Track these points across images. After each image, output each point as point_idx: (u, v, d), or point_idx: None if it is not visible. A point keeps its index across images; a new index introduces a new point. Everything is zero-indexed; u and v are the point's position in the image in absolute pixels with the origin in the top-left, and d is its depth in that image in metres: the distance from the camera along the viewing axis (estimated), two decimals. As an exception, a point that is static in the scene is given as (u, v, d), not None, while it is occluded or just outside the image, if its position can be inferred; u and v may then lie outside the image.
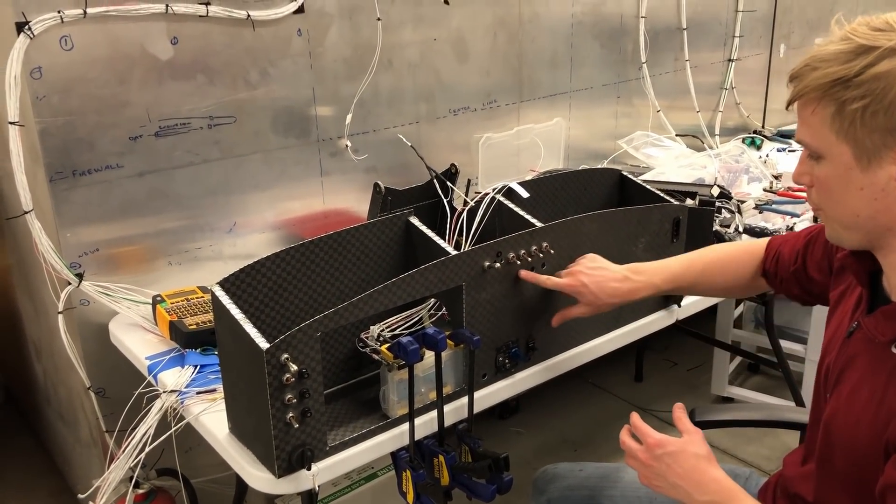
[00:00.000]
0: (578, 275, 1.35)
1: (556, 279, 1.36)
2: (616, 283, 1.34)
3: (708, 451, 1.12)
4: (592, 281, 1.33)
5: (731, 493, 1.07)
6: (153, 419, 1.39)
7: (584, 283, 1.33)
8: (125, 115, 1.62)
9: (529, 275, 1.36)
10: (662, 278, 1.36)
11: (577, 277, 1.35)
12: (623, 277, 1.34)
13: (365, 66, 1.90)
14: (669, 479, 1.10)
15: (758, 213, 2.08)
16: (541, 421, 2.62)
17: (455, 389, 1.36)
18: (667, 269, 1.37)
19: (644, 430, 1.16)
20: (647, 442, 1.14)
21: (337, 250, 1.34)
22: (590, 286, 1.33)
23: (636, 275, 1.35)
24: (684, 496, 1.10)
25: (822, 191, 1.00)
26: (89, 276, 1.65)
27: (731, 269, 1.38)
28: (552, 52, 2.32)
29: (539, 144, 2.28)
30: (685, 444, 1.12)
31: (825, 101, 0.94)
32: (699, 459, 1.10)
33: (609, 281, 1.34)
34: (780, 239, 1.35)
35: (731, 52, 2.90)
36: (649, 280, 1.35)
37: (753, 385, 2.81)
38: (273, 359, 1.10)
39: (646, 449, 1.13)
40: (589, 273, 1.35)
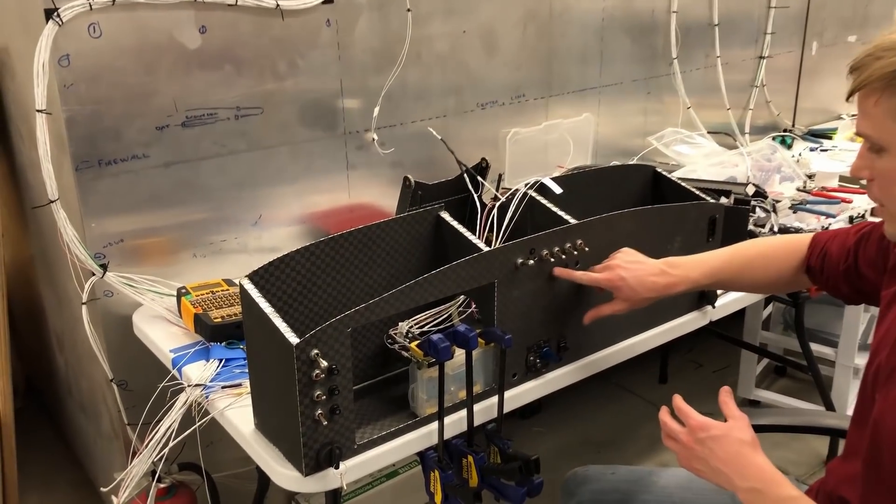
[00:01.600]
0: (616, 269, 1.31)
1: (593, 274, 1.33)
2: (654, 278, 1.30)
3: (753, 437, 1.09)
4: (630, 275, 1.30)
5: (774, 480, 1.04)
6: (177, 413, 1.37)
7: (621, 277, 1.30)
8: (152, 104, 1.60)
9: (564, 271, 1.33)
10: (701, 272, 1.32)
11: (615, 272, 1.31)
12: (660, 271, 1.31)
13: (393, 59, 1.87)
14: (711, 463, 1.07)
15: (791, 213, 2.04)
16: (563, 421, 2.58)
17: (484, 389, 1.33)
18: (705, 264, 1.34)
19: (687, 411, 1.13)
20: (691, 424, 1.11)
21: (366, 245, 1.32)
22: (628, 280, 1.29)
23: (673, 269, 1.32)
24: (725, 482, 1.07)
25: (884, 185, 0.97)
26: (113, 267, 1.63)
27: (772, 264, 1.34)
28: (582, 46, 2.28)
29: (567, 140, 2.25)
30: (730, 429, 1.09)
31: (889, 91, 0.90)
32: (743, 445, 1.07)
33: (647, 275, 1.30)
34: (826, 235, 1.31)
35: (763, 49, 2.84)
36: (686, 274, 1.32)
37: (781, 388, 2.76)
38: (303, 354, 1.07)
39: (688, 431, 1.11)
40: (627, 267, 1.31)
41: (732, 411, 1.13)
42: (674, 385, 2.81)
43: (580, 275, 1.33)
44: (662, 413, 1.19)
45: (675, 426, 1.14)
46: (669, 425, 1.14)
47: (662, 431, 1.17)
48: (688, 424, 1.11)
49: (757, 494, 1.04)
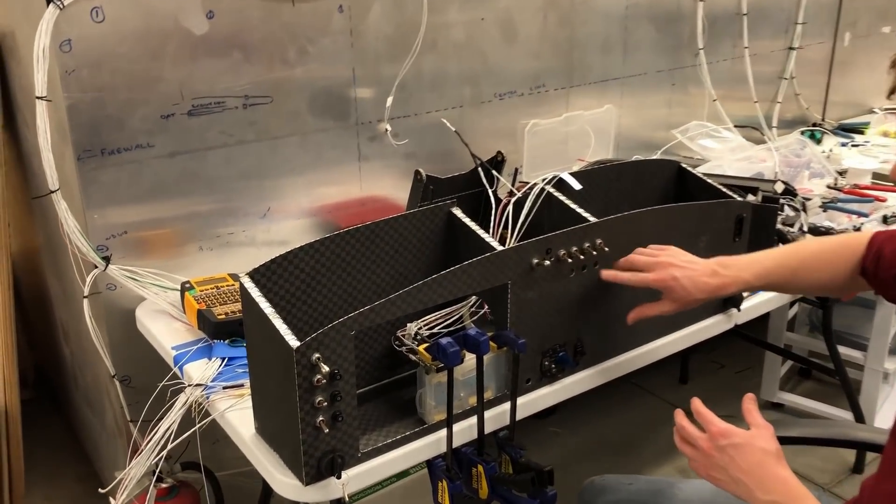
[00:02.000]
0: (669, 268, 1.24)
1: (643, 275, 1.26)
2: (706, 278, 1.24)
3: (777, 448, 1.03)
4: (685, 275, 1.23)
5: (798, 495, 0.98)
6: (176, 414, 1.32)
7: (674, 277, 1.23)
8: (157, 92, 1.54)
9: (612, 274, 1.28)
10: (753, 273, 1.26)
11: (668, 271, 1.24)
12: (712, 272, 1.24)
13: (408, 47, 1.80)
14: (731, 472, 1.02)
15: (822, 212, 1.95)
16: (580, 422, 2.52)
17: (496, 395, 1.26)
18: (758, 264, 1.26)
19: (708, 416, 1.07)
20: (711, 430, 1.05)
21: (374, 241, 1.25)
22: (682, 280, 1.23)
23: (725, 269, 1.25)
24: (745, 493, 1.01)
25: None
26: (116, 259, 1.58)
27: (828, 265, 1.27)
28: (605, 35, 2.20)
29: (588, 132, 2.17)
30: (753, 438, 1.03)
31: None
32: (767, 455, 1.01)
33: (699, 275, 1.23)
34: (883, 235, 1.23)
35: (793, 39, 2.74)
36: (738, 275, 1.25)
37: (805, 391, 2.67)
38: (303, 358, 1.02)
39: (708, 437, 1.05)
40: (679, 265, 1.24)
41: (756, 419, 1.07)
42: (695, 386, 2.73)
43: (629, 276, 1.27)
44: (678, 416, 1.13)
45: (694, 431, 1.08)
46: (688, 429, 1.09)
47: (677, 435, 1.11)
48: (708, 430, 1.06)
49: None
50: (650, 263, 1.26)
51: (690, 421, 1.11)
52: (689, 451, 1.08)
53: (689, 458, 1.08)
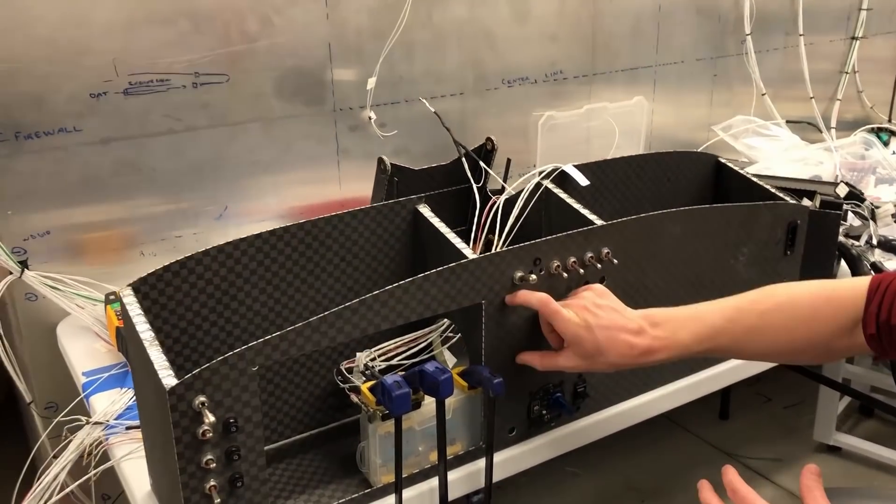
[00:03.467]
0: (583, 311, 0.91)
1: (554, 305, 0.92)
2: (630, 337, 0.90)
3: None
4: (601, 325, 0.89)
5: None
6: (69, 458, 1.05)
7: (588, 326, 0.90)
8: (85, 65, 1.29)
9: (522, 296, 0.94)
10: (693, 333, 0.91)
11: (581, 314, 0.91)
12: (638, 328, 0.90)
13: (396, 19, 1.53)
14: None
15: (893, 222, 1.62)
16: (602, 461, 2.20)
17: (468, 449, 0.97)
18: (700, 321, 0.92)
19: (749, 499, 0.78)
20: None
21: (312, 246, 0.97)
22: (596, 332, 0.89)
23: (654, 328, 0.91)
24: None
25: None
26: (38, 265, 1.33)
27: (801, 325, 0.91)
28: (635, 15, 1.90)
29: (614, 128, 1.87)
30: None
31: None
32: None
33: (622, 332, 0.90)
34: (884, 279, 0.89)
35: (856, 28, 2.40)
36: (673, 336, 0.91)
37: (867, 433, 2.31)
38: (182, 403, 0.74)
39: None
40: (597, 313, 0.90)
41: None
42: (737, 422, 2.39)
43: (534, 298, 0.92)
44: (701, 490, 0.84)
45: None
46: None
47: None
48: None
49: None
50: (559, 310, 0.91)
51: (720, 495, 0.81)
52: None
53: None
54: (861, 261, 1.40)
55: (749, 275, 1.16)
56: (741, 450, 2.24)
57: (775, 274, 1.20)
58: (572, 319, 0.90)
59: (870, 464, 2.19)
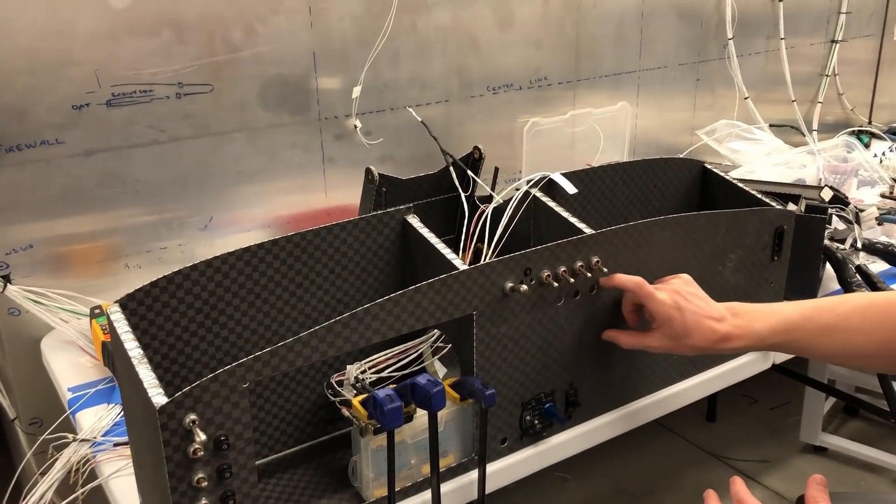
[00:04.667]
0: (674, 295, 0.97)
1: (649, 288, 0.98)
2: (713, 323, 0.95)
3: None
4: (690, 308, 0.96)
5: None
6: (55, 476, 1.04)
7: (679, 308, 0.96)
8: (67, 77, 1.27)
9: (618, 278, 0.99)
10: (770, 326, 0.96)
11: (672, 297, 0.97)
12: (721, 316, 0.96)
13: (380, 28, 1.52)
14: None
15: (877, 226, 1.63)
16: (591, 466, 2.20)
17: (461, 461, 0.97)
18: (778, 315, 0.97)
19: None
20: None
21: (301, 259, 0.97)
22: (685, 314, 0.96)
23: (734, 317, 0.96)
24: None
25: None
26: (21, 279, 1.31)
27: (875, 326, 0.94)
28: (618, 22, 1.90)
29: (599, 134, 1.87)
30: None
31: None
32: None
33: (707, 317, 0.96)
34: None
35: (836, 31, 2.42)
36: (750, 325, 0.96)
37: (852, 433, 2.33)
38: (172, 421, 0.73)
39: None
40: (687, 297, 0.97)
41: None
42: (724, 424, 2.40)
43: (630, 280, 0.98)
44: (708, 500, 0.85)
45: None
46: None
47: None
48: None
49: None
50: (657, 288, 0.99)
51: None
52: None
53: None
54: (846, 264, 1.41)
55: (737, 280, 1.16)
56: (728, 451, 2.25)
57: (763, 279, 1.20)
58: (666, 301, 0.96)
59: (855, 464, 2.21)
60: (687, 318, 0.95)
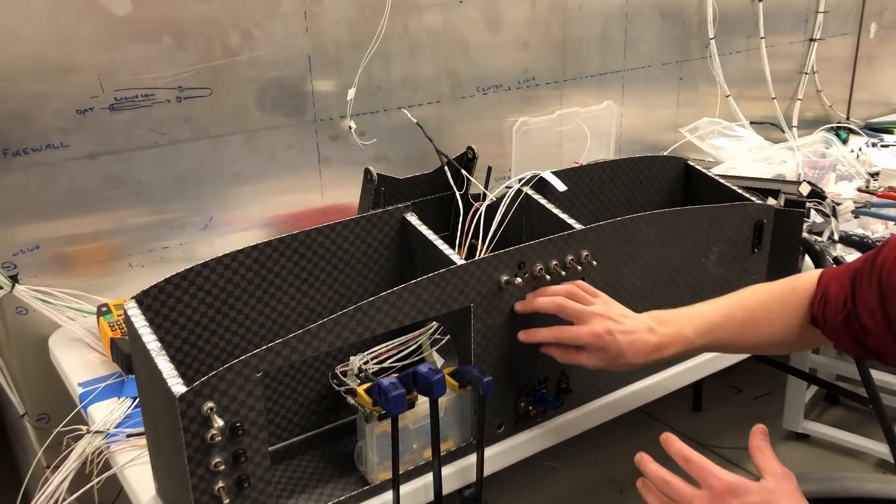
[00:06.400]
0: (602, 319, 0.96)
1: (573, 330, 0.97)
2: (645, 335, 0.96)
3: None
4: (622, 330, 0.95)
5: None
6: (71, 467, 1.08)
7: (610, 332, 0.95)
8: (71, 82, 1.31)
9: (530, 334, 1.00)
10: (695, 330, 0.98)
11: (603, 323, 0.96)
12: (648, 328, 0.97)
13: (374, 32, 1.57)
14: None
15: (853, 218, 1.70)
16: (581, 455, 2.26)
17: (460, 445, 1.02)
18: (700, 318, 0.99)
19: (705, 468, 0.79)
20: (714, 486, 0.77)
21: (306, 255, 1.01)
22: (618, 337, 0.95)
23: (662, 326, 0.97)
24: None
25: None
26: (27, 279, 1.35)
27: (778, 316, 1.00)
28: (603, 23, 1.96)
29: (585, 132, 1.93)
30: (773, 494, 0.77)
31: None
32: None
33: (637, 334, 0.96)
34: (829, 273, 0.98)
35: (814, 30, 2.49)
36: (678, 332, 0.97)
37: (833, 420, 2.41)
38: (191, 409, 0.78)
39: (708, 496, 0.77)
40: (617, 319, 0.97)
41: (773, 466, 0.80)
42: (709, 413, 2.47)
43: (553, 333, 0.99)
44: (647, 463, 0.85)
45: (684, 486, 0.79)
46: (675, 484, 0.80)
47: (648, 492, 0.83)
48: (707, 486, 0.78)
49: None
50: (582, 314, 0.98)
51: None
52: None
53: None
54: (824, 255, 1.47)
55: (719, 272, 1.22)
56: (714, 440, 2.31)
57: (744, 271, 1.26)
58: (597, 331, 0.95)
59: (837, 449, 2.28)
60: (620, 340, 0.95)
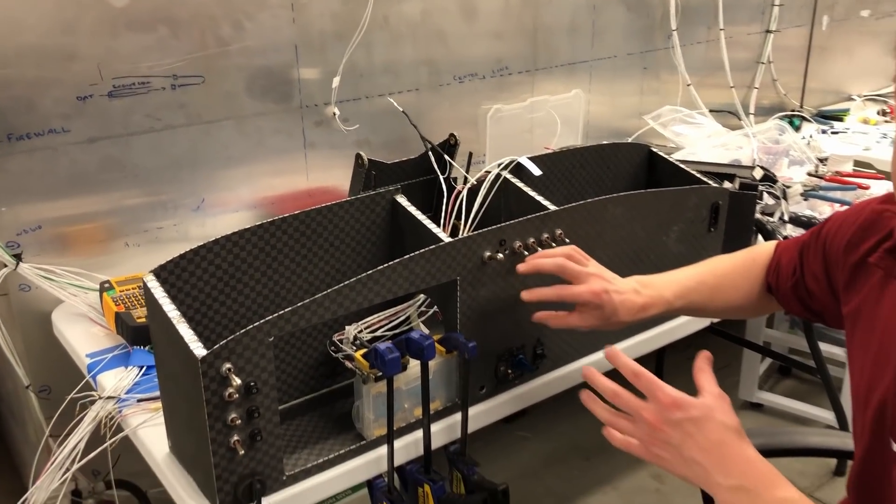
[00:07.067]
0: (599, 280, 1.06)
1: (574, 288, 1.06)
2: (634, 296, 1.05)
3: (738, 422, 0.85)
4: (616, 290, 1.05)
5: (766, 478, 0.81)
6: (85, 430, 1.16)
7: (607, 291, 1.04)
8: (72, 70, 1.38)
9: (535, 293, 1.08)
10: (674, 292, 1.08)
11: (600, 284, 1.05)
12: (634, 290, 1.06)
13: (357, 23, 1.65)
14: (686, 452, 0.83)
15: (803, 200, 1.83)
16: (550, 425, 2.38)
17: (446, 405, 1.12)
18: (677, 283, 1.10)
19: (653, 382, 0.87)
20: (660, 399, 0.86)
21: (305, 234, 1.11)
22: (613, 296, 1.04)
23: (645, 288, 1.07)
24: (699, 476, 0.83)
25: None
26: (30, 257, 1.42)
27: (742, 282, 1.12)
28: (572, 14, 2.06)
29: (555, 119, 2.03)
30: (712, 410, 0.84)
31: None
32: (728, 431, 0.83)
33: (627, 294, 1.05)
34: (783, 245, 1.11)
35: (770, 22, 2.62)
36: (660, 294, 1.07)
37: (785, 390, 2.56)
38: (211, 369, 0.87)
39: (657, 409, 0.86)
40: (610, 280, 1.06)
41: (712, 386, 0.87)
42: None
43: (553, 291, 1.07)
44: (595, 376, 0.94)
45: (635, 400, 0.88)
46: (624, 397, 0.89)
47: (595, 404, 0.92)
48: (655, 399, 0.86)
49: (744, 495, 0.81)
50: (581, 274, 1.06)
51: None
52: (628, 428, 0.89)
53: (623, 431, 0.89)
54: (775, 235, 1.60)
55: (679, 249, 1.34)
56: (675, 410, 2.45)
57: (701, 248, 1.38)
58: (595, 289, 1.04)
59: (788, 417, 2.43)
60: (614, 298, 1.03)
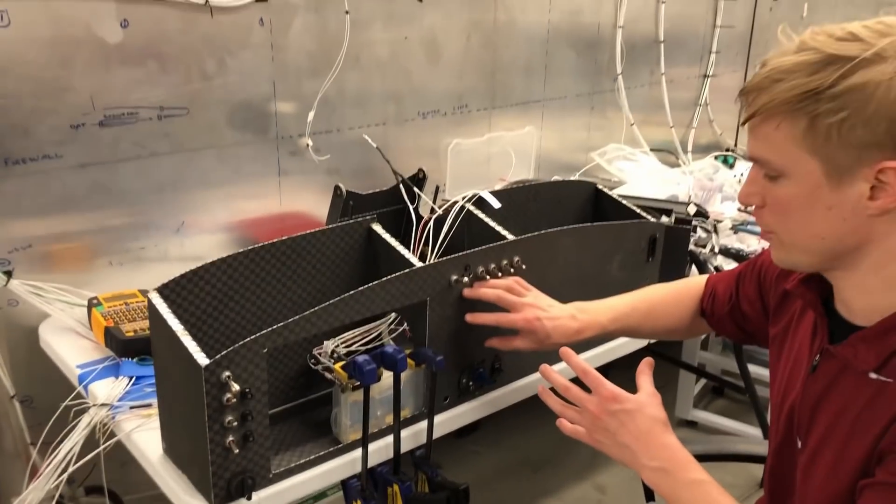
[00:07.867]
0: (533, 308, 1.23)
1: (513, 317, 1.24)
2: (568, 321, 1.23)
3: (665, 416, 1.04)
4: (547, 317, 1.22)
5: (682, 462, 1.00)
6: (79, 435, 1.26)
7: (538, 318, 1.22)
8: (66, 101, 1.49)
9: (477, 317, 1.25)
10: (609, 318, 1.26)
11: (533, 311, 1.22)
12: (570, 316, 1.24)
13: (330, 62, 1.79)
14: (619, 437, 1.02)
15: (733, 234, 2.02)
16: (500, 439, 2.52)
17: (413, 413, 1.25)
18: (612, 309, 1.28)
19: (598, 379, 1.07)
20: (602, 393, 1.05)
21: (291, 257, 1.23)
22: (544, 323, 1.21)
23: (581, 313, 1.25)
24: (629, 458, 1.02)
25: (778, 212, 0.91)
26: (20, 274, 1.51)
27: (674, 309, 1.31)
28: (527, 58, 2.23)
29: (510, 153, 2.20)
30: (643, 405, 1.04)
31: (795, 115, 0.84)
32: (656, 423, 1.02)
33: (561, 320, 1.23)
34: (716, 277, 1.30)
35: (708, 67, 2.84)
36: (595, 319, 1.25)
37: (718, 409, 2.75)
38: (213, 377, 0.99)
39: (599, 401, 1.05)
40: (544, 309, 1.23)
41: (648, 386, 1.08)
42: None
43: (492, 317, 1.24)
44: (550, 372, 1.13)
45: (582, 393, 1.08)
46: (574, 391, 1.09)
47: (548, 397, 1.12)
48: (598, 393, 1.06)
49: (663, 475, 1.00)
50: (517, 304, 1.24)
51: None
52: (576, 417, 1.08)
53: (571, 419, 1.08)
54: (707, 265, 1.77)
55: (620, 276, 1.49)
56: (616, 426, 2.61)
57: (640, 276, 1.54)
58: (527, 318, 1.21)
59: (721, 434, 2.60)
60: (546, 325, 1.21)
